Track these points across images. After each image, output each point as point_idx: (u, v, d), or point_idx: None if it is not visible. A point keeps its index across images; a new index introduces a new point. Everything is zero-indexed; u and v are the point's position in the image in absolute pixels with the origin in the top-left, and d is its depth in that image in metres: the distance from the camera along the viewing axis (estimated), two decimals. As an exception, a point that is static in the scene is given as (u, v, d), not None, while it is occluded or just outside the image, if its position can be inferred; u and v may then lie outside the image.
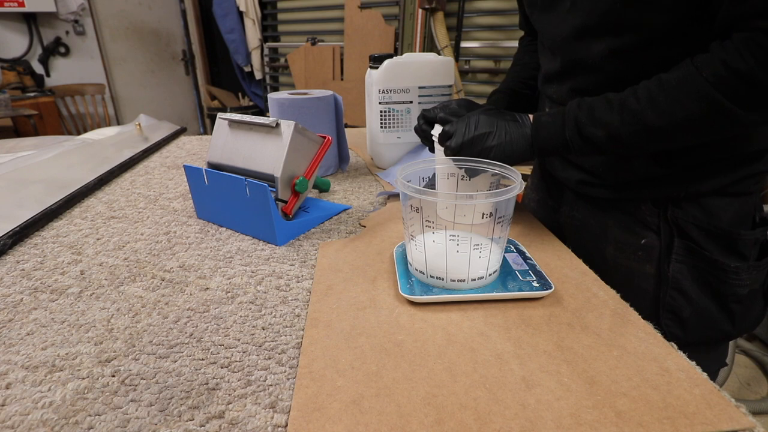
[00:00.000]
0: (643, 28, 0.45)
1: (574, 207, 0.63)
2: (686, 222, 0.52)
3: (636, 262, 0.56)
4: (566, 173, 0.62)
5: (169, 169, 0.88)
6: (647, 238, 0.54)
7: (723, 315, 0.53)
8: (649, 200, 0.54)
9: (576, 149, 0.48)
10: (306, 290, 0.45)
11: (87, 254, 0.52)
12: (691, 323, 0.54)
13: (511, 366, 0.33)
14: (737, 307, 0.53)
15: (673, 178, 0.51)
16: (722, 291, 0.52)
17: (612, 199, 0.57)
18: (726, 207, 0.51)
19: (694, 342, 0.55)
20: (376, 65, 0.77)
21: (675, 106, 0.42)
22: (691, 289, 0.53)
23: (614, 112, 0.45)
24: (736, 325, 0.54)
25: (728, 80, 0.39)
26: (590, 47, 0.50)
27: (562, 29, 0.52)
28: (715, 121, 0.41)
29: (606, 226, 0.58)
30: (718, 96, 0.40)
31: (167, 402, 0.30)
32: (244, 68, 3.47)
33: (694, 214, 0.51)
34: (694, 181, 0.50)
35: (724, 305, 0.53)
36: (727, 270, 0.51)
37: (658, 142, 0.45)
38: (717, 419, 0.28)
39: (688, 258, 0.52)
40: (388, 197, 0.69)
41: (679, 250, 0.52)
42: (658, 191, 0.53)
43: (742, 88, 0.39)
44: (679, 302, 0.53)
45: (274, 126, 0.55)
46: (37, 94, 2.70)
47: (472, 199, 0.38)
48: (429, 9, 2.20)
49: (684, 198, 0.52)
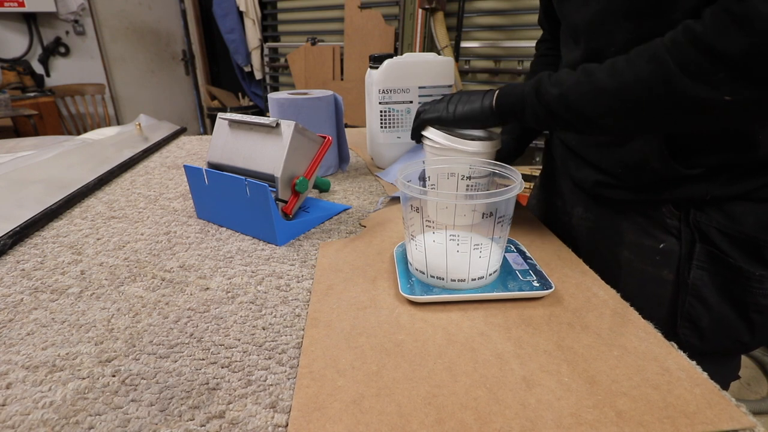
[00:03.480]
0: (666, 13, 0.43)
1: (589, 208, 0.61)
2: (709, 227, 0.49)
3: (653, 267, 0.54)
4: (581, 173, 0.60)
5: (169, 169, 0.88)
6: (666, 242, 0.52)
7: (743, 325, 0.51)
8: (670, 202, 0.52)
9: (529, 108, 0.47)
10: (306, 290, 0.45)
11: (87, 254, 0.52)
12: (709, 332, 0.51)
13: (511, 366, 0.33)
14: (758, 318, 0.50)
15: (697, 180, 0.49)
16: (744, 300, 0.49)
17: (630, 200, 0.55)
18: (750, 212, 0.48)
19: (710, 352, 0.53)
20: (376, 65, 0.77)
21: (626, 68, 0.40)
22: (711, 297, 0.50)
23: (575, 73, 0.44)
24: (756, 336, 0.52)
25: (681, 43, 0.37)
26: (613, 33, 0.48)
27: (584, 15, 0.51)
28: (662, 89, 0.39)
29: (622, 228, 0.56)
30: (667, 57, 0.37)
31: (168, 402, 0.30)
32: (244, 68, 3.47)
33: (717, 218, 0.49)
34: (719, 184, 0.48)
35: (744, 315, 0.50)
36: (750, 278, 0.48)
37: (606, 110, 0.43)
38: (717, 419, 0.28)
39: (710, 264, 0.50)
40: (389, 199, 0.69)
41: (700, 256, 0.50)
42: (680, 193, 0.50)
43: (692, 53, 0.36)
44: (698, 310, 0.51)
45: (274, 126, 0.55)
46: (37, 94, 2.70)
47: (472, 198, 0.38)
48: (429, 9, 2.20)
49: (708, 201, 0.49)
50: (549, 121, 0.48)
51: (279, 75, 3.38)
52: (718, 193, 0.48)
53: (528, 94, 0.48)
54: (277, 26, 3.30)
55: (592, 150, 0.57)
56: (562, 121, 0.47)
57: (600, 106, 0.43)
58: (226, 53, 3.51)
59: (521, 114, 0.49)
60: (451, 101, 0.56)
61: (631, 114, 0.42)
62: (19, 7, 2.66)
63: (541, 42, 0.75)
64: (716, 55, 0.35)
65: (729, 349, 0.54)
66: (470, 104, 0.54)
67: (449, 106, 0.56)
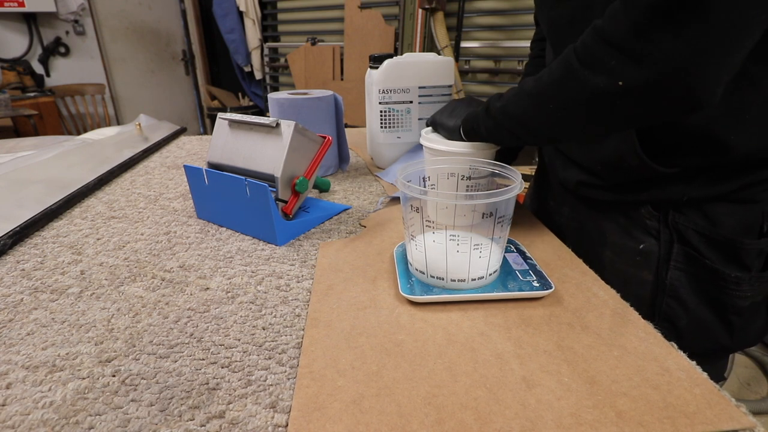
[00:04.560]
0: None
1: (575, 209, 0.62)
2: (687, 228, 0.50)
3: (633, 267, 0.54)
4: (566, 173, 0.60)
5: (169, 169, 0.88)
6: (646, 243, 0.53)
7: (721, 327, 0.51)
8: (649, 203, 0.52)
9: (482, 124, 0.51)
10: (306, 290, 0.45)
11: (87, 254, 0.52)
12: (687, 333, 0.52)
13: (511, 366, 0.33)
14: (737, 320, 0.51)
15: (675, 180, 0.49)
16: (721, 301, 0.50)
17: (611, 201, 0.56)
18: (730, 214, 0.49)
19: (690, 354, 0.53)
20: (376, 65, 0.77)
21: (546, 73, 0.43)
22: (689, 298, 0.51)
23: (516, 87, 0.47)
24: (735, 338, 0.52)
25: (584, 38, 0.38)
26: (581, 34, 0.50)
27: (563, 11, 0.52)
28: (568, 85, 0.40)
29: (604, 229, 0.57)
30: (572, 54, 0.39)
31: (168, 402, 0.30)
32: (244, 68, 3.47)
33: (695, 220, 0.49)
34: (697, 185, 0.48)
35: (722, 317, 0.51)
36: (727, 279, 0.49)
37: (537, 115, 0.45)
38: (717, 419, 0.28)
39: (687, 265, 0.50)
40: (389, 199, 0.69)
41: (678, 257, 0.51)
42: (659, 194, 0.51)
43: (590, 44, 0.38)
44: (676, 311, 0.52)
45: (274, 126, 0.55)
46: (37, 94, 2.70)
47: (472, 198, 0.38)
48: (429, 9, 2.20)
49: (686, 203, 0.50)
50: (497, 134, 0.50)
51: (279, 75, 3.39)
52: (695, 195, 0.49)
53: (480, 112, 0.52)
54: (277, 26, 3.30)
55: (575, 146, 0.59)
56: (507, 132, 0.49)
57: (528, 110, 0.46)
58: (226, 53, 3.51)
59: (479, 131, 0.53)
60: (444, 111, 0.60)
61: (553, 115, 0.44)
62: (19, 7, 2.66)
63: (536, 42, 0.75)
64: (606, 40, 0.36)
65: (709, 351, 0.54)
66: (453, 118, 0.57)
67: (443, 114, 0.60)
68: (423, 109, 0.79)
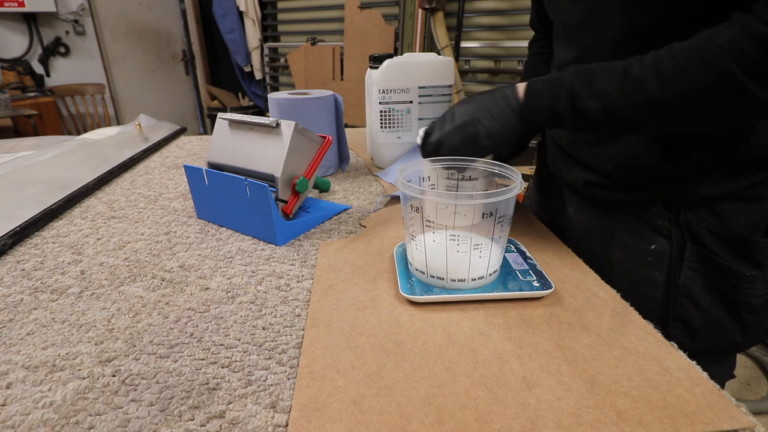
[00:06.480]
0: (653, 9, 0.43)
1: (580, 209, 0.61)
2: (699, 227, 0.49)
3: (644, 267, 0.54)
4: (572, 174, 0.60)
5: (169, 169, 0.88)
6: (657, 243, 0.52)
7: (734, 325, 0.51)
8: (659, 203, 0.52)
9: (567, 123, 0.44)
10: (306, 290, 0.45)
11: (87, 254, 0.52)
12: (701, 333, 0.52)
13: (511, 366, 0.33)
14: (750, 318, 0.50)
15: (686, 179, 0.49)
16: (735, 300, 0.50)
17: (621, 201, 0.55)
18: (739, 212, 0.48)
19: (703, 352, 0.52)
20: (376, 65, 0.77)
21: (681, 75, 0.37)
22: (703, 297, 0.51)
23: (615, 79, 0.41)
24: (747, 336, 0.52)
25: (744, 46, 0.34)
26: (603, 31, 0.48)
27: (573, 14, 0.51)
28: (724, 96, 0.36)
29: (613, 229, 0.56)
30: (730, 64, 0.34)
31: (168, 402, 0.30)
32: (244, 68, 3.47)
33: (707, 219, 0.49)
34: (708, 184, 0.48)
35: (736, 315, 0.50)
36: (741, 278, 0.48)
37: (659, 120, 0.41)
38: (717, 419, 0.28)
39: (700, 265, 0.50)
40: (389, 198, 0.69)
41: (691, 256, 0.50)
42: (669, 193, 0.50)
43: (760, 56, 0.33)
44: (690, 311, 0.51)
45: (274, 126, 0.55)
46: (37, 94, 2.70)
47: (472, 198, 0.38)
48: (429, 9, 2.20)
49: (698, 202, 0.49)
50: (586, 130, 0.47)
51: (279, 75, 3.38)
52: (707, 193, 0.48)
53: (563, 111, 0.44)
54: (277, 26, 3.29)
55: (583, 148, 0.57)
56: (602, 130, 0.46)
57: (653, 119, 0.41)
58: (226, 53, 3.51)
59: (554, 126, 0.47)
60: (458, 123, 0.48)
61: (684, 120, 0.40)
62: (19, 7, 2.66)
63: (534, 42, 0.75)
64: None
65: (722, 349, 0.54)
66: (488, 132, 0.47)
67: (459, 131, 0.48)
68: (423, 109, 0.79)
